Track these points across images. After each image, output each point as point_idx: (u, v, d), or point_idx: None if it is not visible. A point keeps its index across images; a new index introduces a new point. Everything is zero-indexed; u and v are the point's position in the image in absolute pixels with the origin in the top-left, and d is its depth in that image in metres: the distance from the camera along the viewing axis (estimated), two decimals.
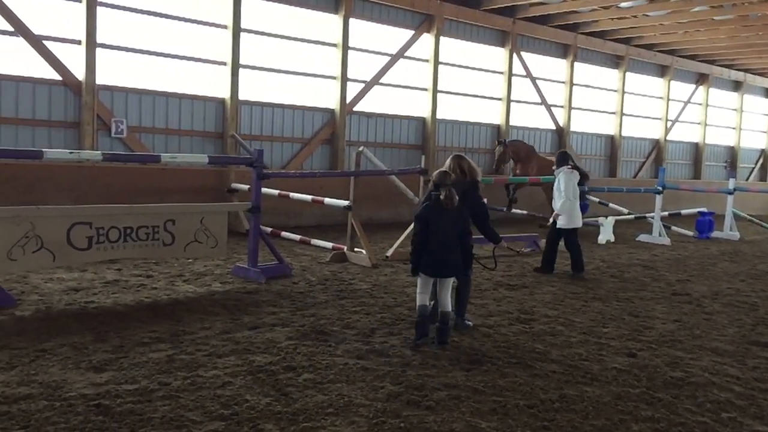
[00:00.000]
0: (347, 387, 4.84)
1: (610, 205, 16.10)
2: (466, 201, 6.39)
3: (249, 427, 4.08)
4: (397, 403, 4.57)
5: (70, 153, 8.19)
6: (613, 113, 21.95)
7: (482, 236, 7.13)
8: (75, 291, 7.44)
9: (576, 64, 20.12)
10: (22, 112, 11.33)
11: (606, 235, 14.02)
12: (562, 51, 19.87)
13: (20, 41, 11.19)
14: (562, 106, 20.26)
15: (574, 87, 20.33)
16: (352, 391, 4.75)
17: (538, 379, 5.22)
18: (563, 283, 9.30)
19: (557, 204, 9.89)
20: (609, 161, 22.16)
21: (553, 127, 20.19)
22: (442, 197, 5.92)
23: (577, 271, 9.85)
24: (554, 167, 10.25)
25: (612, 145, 22.11)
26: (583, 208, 18.05)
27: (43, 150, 7.36)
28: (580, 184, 10.05)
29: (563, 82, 20.16)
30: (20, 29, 11.10)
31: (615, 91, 21.81)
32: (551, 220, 10.01)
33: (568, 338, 6.46)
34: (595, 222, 14.58)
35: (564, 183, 9.79)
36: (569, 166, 10.01)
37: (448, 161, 6.74)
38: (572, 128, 20.56)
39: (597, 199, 16.27)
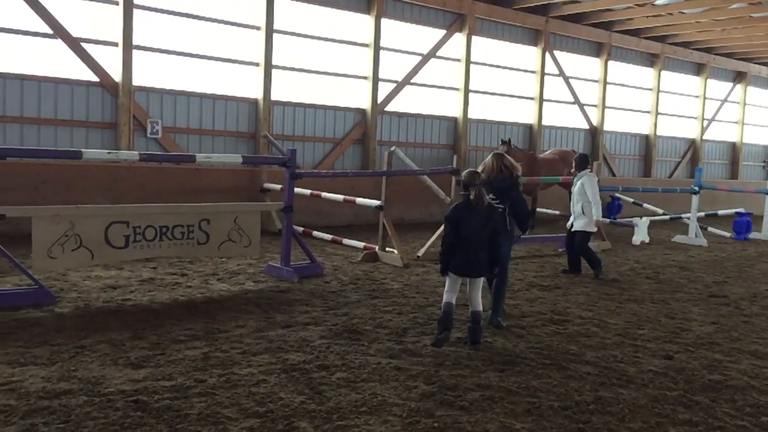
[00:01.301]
0: (380, 386, 4.85)
1: (645, 205, 15.88)
2: (507, 198, 6.59)
3: (284, 425, 4.11)
4: (430, 403, 4.56)
5: (108, 153, 8.35)
6: (648, 112, 21.65)
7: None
8: (112, 289, 7.57)
9: (610, 62, 19.88)
10: (61, 113, 11.57)
11: (641, 235, 13.83)
12: (596, 49, 19.65)
13: (59, 43, 11.42)
14: (595, 106, 20.03)
15: (608, 86, 20.10)
16: (386, 391, 4.76)
17: (573, 380, 5.17)
18: (596, 285, 9.20)
19: (594, 211, 9.68)
20: (644, 161, 21.86)
21: (586, 127, 19.98)
22: (471, 197, 5.91)
23: (573, 271, 9.81)
24: (573, 170, 10.11)
25: (647, 144, 21.80)
26: (617, 207, 17.94)
27: (82, 150, 7.50)
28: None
29: (597, 81, 19.93)
30: (59, 32, 11.33)
31: (650, 89, 21.51)
32: (576, 227, 9.83)
33: (603, 340, 6.39)
34: (629, 222, 14.39)
35: (591, 188, 9.70)
36: (590, 169, 9.93)
37: (488, 159, 6.82)
38: (606, 128, 20.32)
39: (631, 200, 16.07)
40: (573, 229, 9.86)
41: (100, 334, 5.79)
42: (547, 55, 18.29)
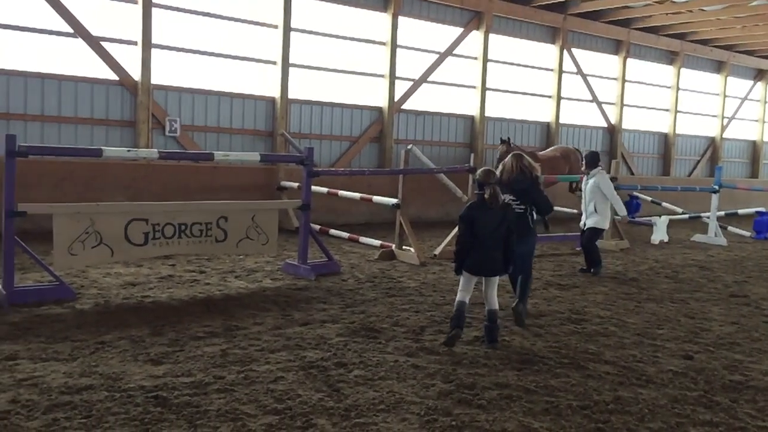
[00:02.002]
0: (398, 384, 4.85)
1: (664, 204, 15.75)
2: (527, 199, 6.73)
3: (302, 422, 4.13)
4: (448, 401, 4.56)
5: (128, 151, 8.41)
6: (667, 110, 21.47)
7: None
8: (132, 285, 7.63)
9: (629, 60, 19.73)
10: (81, 111, 11.68)
11: (659, 234, 13.73)
12: (614, 47, 19.50)
13: (80, 42, 11.53)
14: (613, 104, 19.89)
15: (627, 84, 19.95)
16: (403, 389, 4.76)
17: (592, 380, 5.14)
18: (615, 284, 9.14)
19: (618, 209, 9.97)
20: (662, 159, 21.68)
21: (605, 125, 19.84)
22: (486, 196, 5.87)
23: (597, 267, 9.68)
24: (584, 168, 10.03)
25: (666, 143, 21.62)
26: (635, 206, 17.80)
27: (102, 148, 7.58)
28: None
29: (615, 79, 19.79)
30: (80, 31, 11.44)
31: (669, 87, 21.32)
32: (588, 224, 9.78)
33: (622, 339, 6.35)
34: (648, 221, 14.28)
35: (607, 186, 9.68)
36: (601, 167, 9.88)
37: (507, 160, 6.94)
38: (624, 126, 20.17)
39: (650, 198, 15.95)
40: (585, 227, 9.81)
41: (120, 331, 5.85)
42: (565, 52, 18.18)
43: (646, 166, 21.30)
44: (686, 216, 15.48)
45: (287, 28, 13.49)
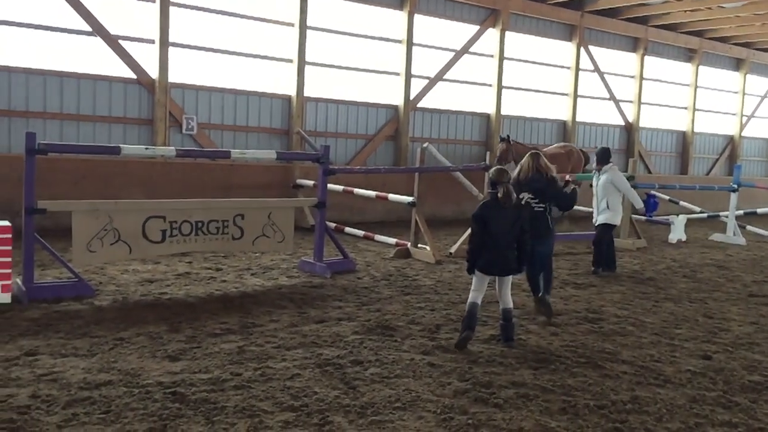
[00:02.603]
0: (414, 382, 4.85)
1: (681, 203, 15.60)
2: (546, 197, 6.84)
3: (318, 419, 4.14)
4: (464, 400, 4.56)
5: (146, 149, 8.47)
6: (685, 108, 21.28)
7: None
8: (149, 282, 7.69)
9: (646, 57, 19.57)
10: (99, 109, 11.77)
11: (677, 233, 13.59)
12: (632, 44, 19.36)
13: (98, 41, 11.62)
14: (631, 102, 19.75)
15: (645, 81, 19.79)
16: (419, 387, 4.76)
17: (609, 379, 5.12)
18: (632, 283, 9.08)
19: (635, 202, 9.99)
20: (680, 158, 21.49)
21: (622, 123, 19.70)
22: (499, 195, 5.83)
23: (598, 267, 9.57)
24: (595, 165, 9.92)
25: (684, 141, 21.43)
26: (653, 205, 17.65)
27: (121, 146, 7.63)
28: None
29: (633, 77, 19.64)
30: (98, 30, 11.53)
31: (687, 85, 21.12)
32: (600, 220, 9.68)
33: (639, 339, 6.31)
34: (666, 220, 14.17)
35: (621, 181, 9.61)
36: (612, 163, 9.79)
37: (524, 159, 6.97)
38: (642, 124, 20.02)
39: (667, 197, 15.81)
40: (597, 224, 9.71)
41: (138, 327, 5.89)
42: (582, 50, 18.07)
43: (664, 164, 21.13)
44: (704, 215, 15.32)
45: (303, 27, 13.51)
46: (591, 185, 10.03)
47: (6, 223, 6.65)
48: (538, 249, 7.00)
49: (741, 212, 14.92)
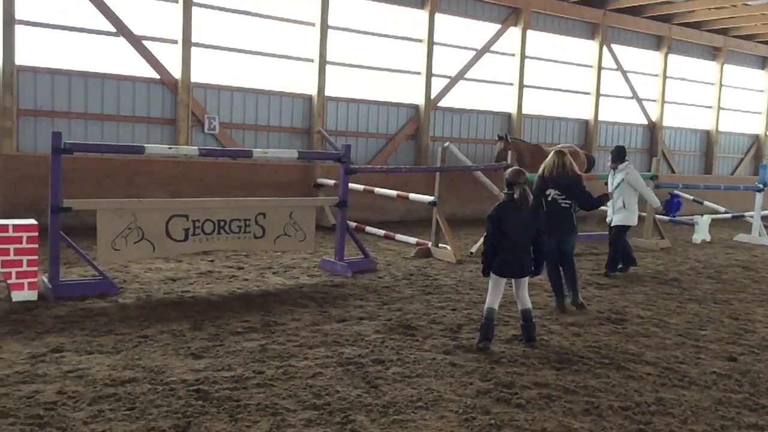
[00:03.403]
0: (436, 382, 4.85)
1: (706, 203, 15.42)
2: (571, 195, 7.01)
3: (341, 418, 4.15)
4: (486, 400, 4.54)
5: (169, 148, 8.54)
6: (710, 107, 21.02)
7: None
8: (172, 281, 7.75)
9: (670, 56, 19.36)
10: (123, 109, 11.90)
11: (701, 234, 13.46)
12: (656, 43, 19.16)
13: (122, 41, 11.74)
14: (654, 100, 19.55)
15: (668, 80, 19.58)
16: (441, 386, 4.75)
17: (633, 380, 5.07)
18: (656, 284, 8.99)
19: (652, 201, 9.92)
20: (704, 157, 21.24)
21: (645, 122, 19.51)
22: (515, 196, 5.77)
23: (611, 269, 9.41)
24: (610, 163, 9.73)
25: (708, 140, 21.18)
26: (676, 205, 17.45)
27: (145, 145, 7.70)
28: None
29: (656, 75, 19.45)
30: (122, 30, 11.65)
31: (712, 84, 20.87)
32: (615, 221, 9.51)
33: (663, 340, 6.25)
34: (689, 221, 14.02)
35: (637, 180, 9.42)
36: (628, 162, 9.60)
37: (549, 157, 7.01)
38: (665, 123, 19.81)
39: (691, 197, 15.63)
40: (613, 224, 9.51)
41: (162, 325, 5.95)
42: (605, 48, 17.92)
43: (688, 164, 20.90)
44: (729, 215, 15.13)
45: (324, 26, 13.55)
46: (606, 184, 9.88)
47: (32, 221, 6.74)
48: (563, 247, 7.23)
49: (766, 212, 14.71)
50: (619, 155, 9.62)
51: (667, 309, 7.54)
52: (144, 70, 12.05)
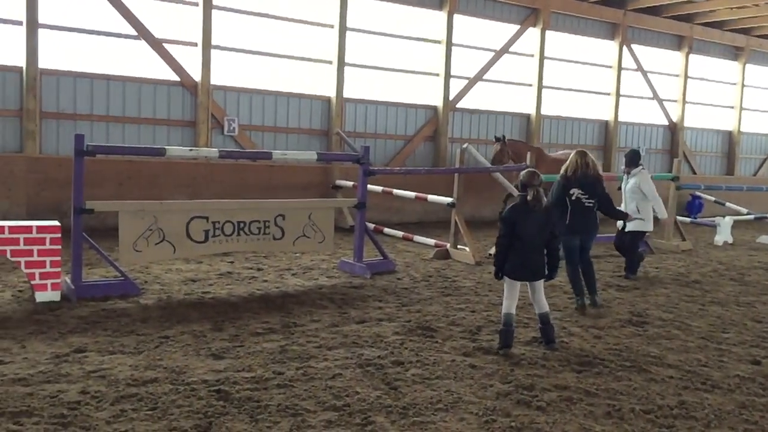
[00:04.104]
0: (455, 384, 4.84)
1: (728, 204, 15.26)
2: (594, 194, 7.19)
3: (361, 419, 4.15)
4: (506, 402, 4.52)
5: (190, 150, 8.60)
6: (732, 108, 20.78)
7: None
8: (192, 282, 7.81)
9: (691, 56, 19.17)
10: (144, 111, 12.00)
11: (723, 236, 13.31)
12: (677, 43, 18.98)
13: (143, 44, 11.85)
14: (675, 101, 19.37)
15: (689, 80, 19.39)
16: (461, 388, 4.74)
17: (655, 383, 5.03)
18: (677, 286, 8.90)
19: (658, 210, 9.36)
20: (726, 158, 21.00)
21: (666, 123, 19.34)
22: (529, 198, 5.72)
23: (631, 273, 9.27)
24: (624, 168, 9.58)
25: (730, 141, 20.94)
26: (698, 207, 17.28)
27: (166, 147, 7.77)
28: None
29: (677, 76, 19.27)
30: (143, 33, 11.75)
31: (734, 84, 20.63)
32: (630, 227, 9.25)
33: (685, 343, 6.18)
34: (712, 222, 13.87)
35: (649, 185, 9.21)
36: (642, 166, 9.44)
37: (572, 157, 7.30)
38: (686, 124, 19.62)
39: (713, 198, 15.48)
40: (627, 230, 9.24)
41: (183, 325, 5.99)
42: (625, 49, 17.79)
43: (709, 165, 20.67)
44: (751, 217, 14.95)
45: (343, 28, 13.58)
46: (619, 189, 9.74)
47: (55, 223, 6.82)
48: (585, 245, 7.46)
49: None
50: (632, 159, 9.44)
51: (689, 311, 7.46)
52: (164, 73, 12.15)
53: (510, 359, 5.44)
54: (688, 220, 14.42)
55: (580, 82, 17.54)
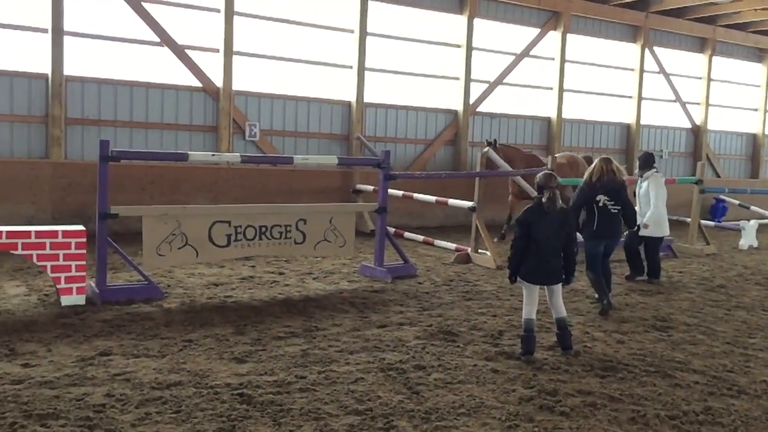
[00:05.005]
0: (478, 388, 4.82)
1: (752, 207, 15.06)
2: (619, 200, 7.30)
3: (383, 423, 4.15)
4: (529, 407, 4.50)
5: (212, 155, 8.68)
6: (756, 110, 20.52)
7: None
8: (215, 286, 7.86)
9: (714, 58, 18.96)
10: (167, 117, 12.12)
11: (748, 239, 13.14)
12: (699, 45, 18.79)
13: (165, 51, 11.97)
14: (698, 104, 19.16)
15: (712, 82, 19.18)
16: (483, 393, 4.73)
17: (680, 389, 4.97)
18: (702, 290, 8.80)
19: (648, 213, 9.05)
20: (750, 161, 20.72)
21: (689, 126, 19.14)
22: (544, 200, 5.67)
23: (654, 277, 9.15)
24: (637, 171, 9.47)
25: (754, 143, 20.67)
26: (722, 210, 17.08)
27: (189, 153, 7.84)
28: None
29: (700, 78, 19.06)
30: (165, 40, 11.88)
31: (758, 86, 20.37)
32: (644, 232, 8.98)
33: (711, 348, 6.11)
34: (736, 226, 13.69)
35: (655, 189, 9.05)
36: (655, 169, 9.32)
37: (596, 163, 7.36)
38: (709, 126, 19.39)
39: (737, 202, 15.28)
40: (640, 234, 8.87)
41: (206, 329, 6.04)
42: (647, 51, 17.64)
43: (733, 168, 20.41)
44: None
45: (363, 33, 13.62)
46: (634, 193, 9.58)
47: (81, 227, 6.91)
48: (608, 250, 7.62)
49: None
50: (646, 163, 9.33)
51: (714, 316, 7.37)
52: (187, 79, 12.27)
53: (532, 364, 5.42)
54: (712, 223, 14.24)
55: (602, 85, 17.42)
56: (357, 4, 13.49)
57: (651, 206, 9.08)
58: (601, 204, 7.33)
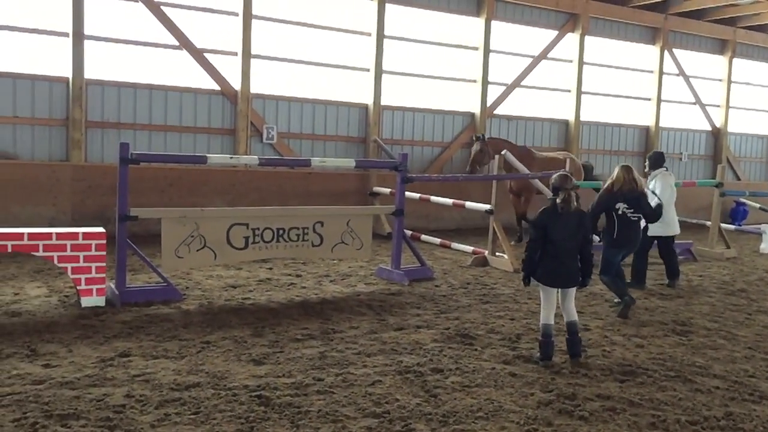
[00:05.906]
0: (496, 392, 4.80)
1: None
2: (639, 208, 7.41)
3: (401, 426, 4.15)
4: (548, 411, 4.47)
5: (231, 158, 8.73)
6: None
7: None
8: (233, 288, 7.90)
9: (735, 60, 18.77)
10: (185, 120, 12.21)
11: None
12: (719, 47, 18.61)
13: (184, 54, 12.06)
14: (718, 106, 18.97)
15: (733, 85, 18.98)
16: (501, 396, 4.71)
17: (700, 394, 4.92)
18: (722, 294, 8.70)
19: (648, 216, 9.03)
20: None
21: (708, 128, 18.95)
22: (558, 201, 5.61)
23: (673, 279, 9.05)
24: (647, 170, 9.37)
25: None
26: (742, 213, 16.88)
27: (207, 155, 7.89)
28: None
29: (720, 80, 18.87)
30: (184, 43, 11.97)
31: None
32: (652, 232, 8.81)
33: (732, 353, 6.04)
34: (757, 230, 13.53)
35: (660, 187, 8.90)
36: (665, 168, 9.21)
37: (617, 172, 7.43)
38: (730, 129, 19.19)
39: (758, 205, 15.09)
40: (650, 234, 8.72)
41: (224, 331, 6.07)
42: (666, 53, 17.50)
43: (754, 170, 20.18)
44: None
45: (380, 36, 13.63)
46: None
47: (101, 229, 6.97)
48: (626, 256, 7.78)
49: None
50: (656, 162, 9.24)
51: (735, 321, 7.29)
52: (205, 82, 12.34)
53: (551, 368, 5.39)
54: (732, 227, 14.09)
55: (620, 88, 17.30)
56: (374, 7, 13.52)
57: (656, 199, 8.86)
58: (620, 212, 7.41)
